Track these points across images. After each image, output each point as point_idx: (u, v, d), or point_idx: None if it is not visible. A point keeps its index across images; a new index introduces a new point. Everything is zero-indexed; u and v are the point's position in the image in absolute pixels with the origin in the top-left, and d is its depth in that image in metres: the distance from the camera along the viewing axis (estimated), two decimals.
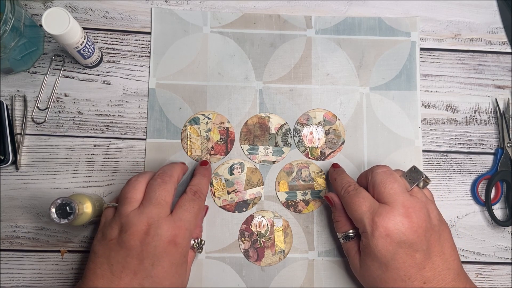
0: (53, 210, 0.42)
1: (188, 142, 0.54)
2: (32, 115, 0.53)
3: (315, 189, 0.53)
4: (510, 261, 0.54)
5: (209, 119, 0.54)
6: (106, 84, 0.54)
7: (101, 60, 0.54)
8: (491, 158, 0.56)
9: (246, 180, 0.53)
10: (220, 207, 0.53)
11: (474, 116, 0.56)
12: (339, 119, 0.55)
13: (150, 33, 0.55)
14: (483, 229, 0.54)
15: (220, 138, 0.54)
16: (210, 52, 0.55)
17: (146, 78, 0.55)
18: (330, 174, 0.52)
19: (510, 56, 0.57)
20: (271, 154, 0.54)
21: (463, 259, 0.53)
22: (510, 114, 0.56)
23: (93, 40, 0.54)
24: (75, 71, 0.54)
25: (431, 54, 0.57)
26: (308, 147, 0.54)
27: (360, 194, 0.45)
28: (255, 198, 0.53)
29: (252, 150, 0.54)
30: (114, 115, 0.54)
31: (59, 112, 0.53)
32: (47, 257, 0.51)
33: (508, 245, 0.54)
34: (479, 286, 0.53)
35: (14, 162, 0.51)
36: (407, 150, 0.55)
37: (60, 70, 0.54)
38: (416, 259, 0.42)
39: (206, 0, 0.56)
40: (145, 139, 0.53)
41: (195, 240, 0.48)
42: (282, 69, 0.56)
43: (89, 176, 0.52)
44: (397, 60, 0.56)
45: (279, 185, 0.53)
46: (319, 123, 0.55)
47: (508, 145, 0.55)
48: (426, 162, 0.55)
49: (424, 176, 0.45)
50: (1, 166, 0.51)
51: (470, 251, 0.54)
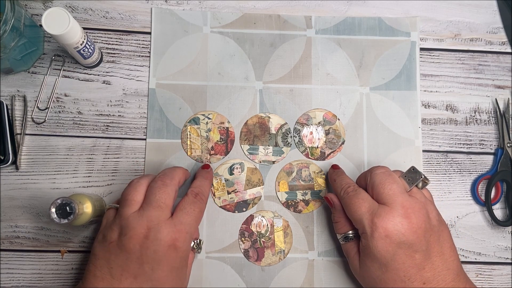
0: (53, 210, 0.42)
1: (188, 142, 0.54)
2: (32, 115, 0.53)
3: (315, 189, 0.53)
4: (510, 261, 0.54)
5: (209, 119, 0.54)
6: (106, 84, 0.54)
7: (101, 60, 0.54)
8: (491, 158, 0.56)
9: (246, 180, 0.53)
10: (220, 207, 0.53)
11: (474, 116, 0.56)
12: (339, 119, 0.55)
13: (150, 33, 0.55)
14: (483, 229, 0.54)
15: (220, 138, 0.54)
16: (210, 52, 0.55)
17: (146, 78, 0.55)
18: (330, 175, 0.52)
19: (510, 56, 0.57)
20: (271, 154, 0.54)
21: (463, 259, 0.53)
22: (510, 114, 0.56)
23: (93, 40, 0.54)
24: (75, 71, 0.54)
25: (431, 54, 0.57)
26: (308, 147, 0.54)
27: (360, 195, 0.45)
28: (255, 198, 0.53)
29: (252, 150, 0.54)
30: (114, 115, 0.54)
31: (59, 112, 0.53)
32: (47, 257, 0.51)
33: (508, 245, 0.54)
34: (479, 286, 0.53)
35: (14, 162, 0.51)
36: (407, 150, 0.55)
37: (60, 70, 0.54)
38: (416, 259, 0.42)
39: (206, 0, 0.56)
40: (145, 139, 0.53)
41: (194, 241, 0.48)
42: (282, 69, 0.56)
43: (89, 176, 0.52)
44: (397, 60, 0.56)
45: (279, 185, 0.53)
46: (319, 123, 0.55)
47: (508, 145, 0.55)
48: (426, 162, 0.55)
49: (423, 176, 0.45)
50: (1, 166, 0.51)
51: (470, 251, 0.54)
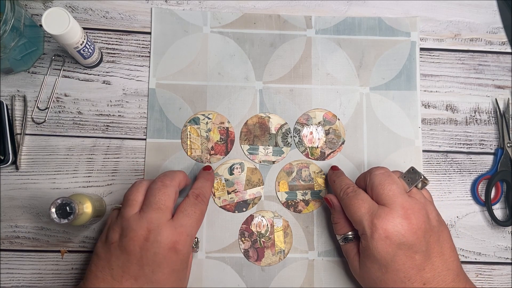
0: (53, 210, 0.42)
1: (188, 142, 0.54)
2: (32, 115, 0.53)
3: (315, 189, 0.53)
4: (510, 261, 0.54)
5: (209, 119, 0.54)
6: (106, 84, 0.54)
7: (101, 60, 0.54)
8: (491, 158, 0.56)
9: (246, 180, 0.53)
10: (220, 207, 0.53)
11: (474, 116, 0.56)
12: (339, 119, 0.55)
13: (150, 33, 0.55)
14: (483, 229, 0.54)
15: (220, 138, 0.54)
16: (210, 52, 0.55)
17: (146, 78, 0.54)
18: (329, 176, 0.51)
19: (510, 56, 0.57)
20: (271, 154, 0.54)
21: (463, 259, 0.53)
22: (510, 114, 0.56)
23: (93, 40, 0.54)
24: (75, 71, 0.54)
25: (431, 54, 0.57)
26: (308, 147, 0.54)
27: (359, 196, 0.45)
28: (255, 198, 0.53)
29: (252, 150, 0.54)
30: (114, 115, 0.54)
31: (59, 112, 0.53)
32: (47, 257, 0.51)
33: (508, 245, 0.54)
34: (479, 286, 0.53)
35: (14, 162, 0.51)
36: (407, 150, 0.55)
37: (60, 70, 0.54)
38: (416, 260, 0.42)
39: (206, 0, 0.56)
40: (145, 139, 0.53)
41: None
42: (282, 69, 0.55)
43: (89, 176, 0.52)
44: (397, 60, 0.56)
45: (279, 185, 0.53)
46: (319, 123, 0.55)
47: (508, 145, 0.55)
48: (426, 162, 0.55)
49: (422, 177, 0.45)
50: (1, 166, 0.51)
51: (470, 251, 0.54)
